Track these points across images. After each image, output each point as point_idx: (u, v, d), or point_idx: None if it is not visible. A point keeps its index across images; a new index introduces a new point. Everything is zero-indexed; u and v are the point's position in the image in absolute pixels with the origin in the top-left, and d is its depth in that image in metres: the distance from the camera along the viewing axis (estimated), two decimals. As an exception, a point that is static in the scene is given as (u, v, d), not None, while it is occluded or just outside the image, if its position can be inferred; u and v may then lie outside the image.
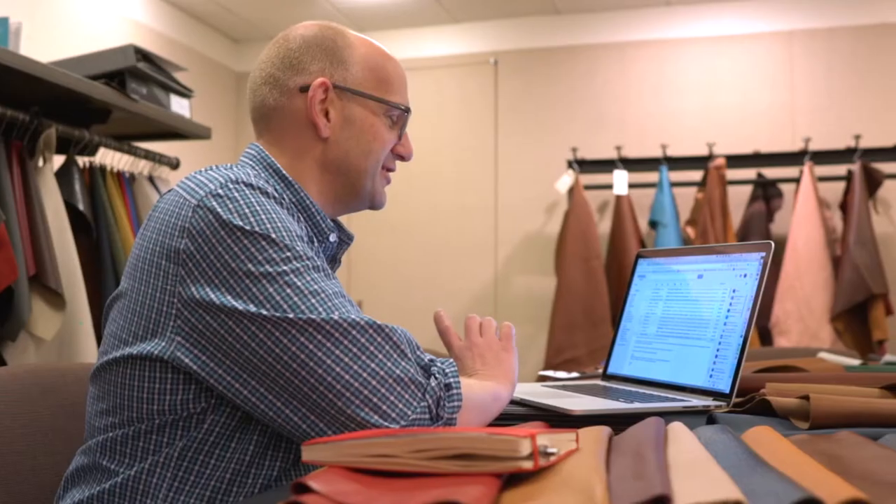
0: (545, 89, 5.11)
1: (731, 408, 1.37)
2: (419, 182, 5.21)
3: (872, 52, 4.74)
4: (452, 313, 5.06)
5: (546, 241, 4.95)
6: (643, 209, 4.73)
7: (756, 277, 1.45)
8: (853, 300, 4.19)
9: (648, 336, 1.64)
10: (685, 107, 4.93)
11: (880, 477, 0.84)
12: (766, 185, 4.64)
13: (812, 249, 4.32)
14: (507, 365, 1.36)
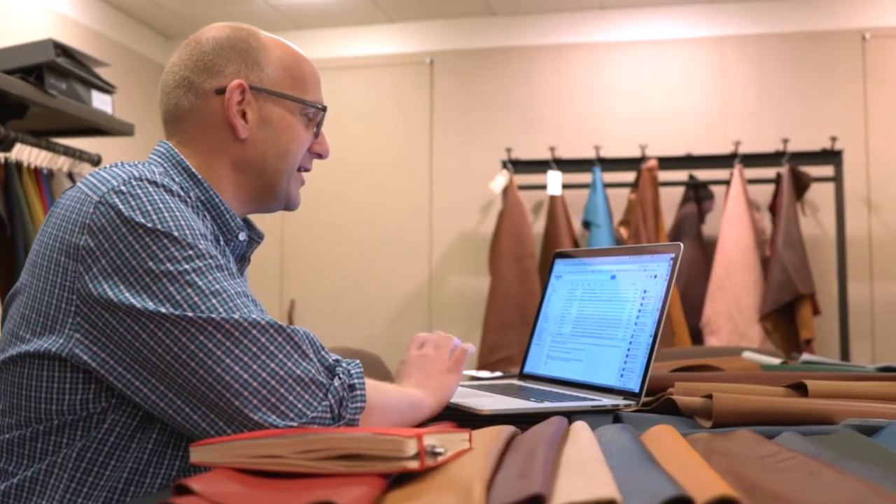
0: (481, 90, 5.12)
1: (640, 407, 1.38)
2: (354, 180, 5.19)
3: (801, 58, 4.83)
4: (387, 312, 5.10)
5: (480, 240, 4.96)
6: (577, 209, 4.76)
7: (666, 278, 1.46)
8: (781, 300, 4.26)
9: (563, 336, 1.64)
10: (619, 109, 4.97)
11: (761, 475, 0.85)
12: (698, 186, 4.70)
13: (742, 250, 4.38)
14: (444, 382, 1.35)
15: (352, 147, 5.21)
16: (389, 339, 5.04)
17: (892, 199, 4.66)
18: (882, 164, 4.68)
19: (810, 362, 2.34)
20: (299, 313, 5.18)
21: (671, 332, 4.31)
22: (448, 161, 5.11)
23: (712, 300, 4.38)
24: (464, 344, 1.45)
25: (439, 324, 5.02)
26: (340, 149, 5.21)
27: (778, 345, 4.30)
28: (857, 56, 4.78)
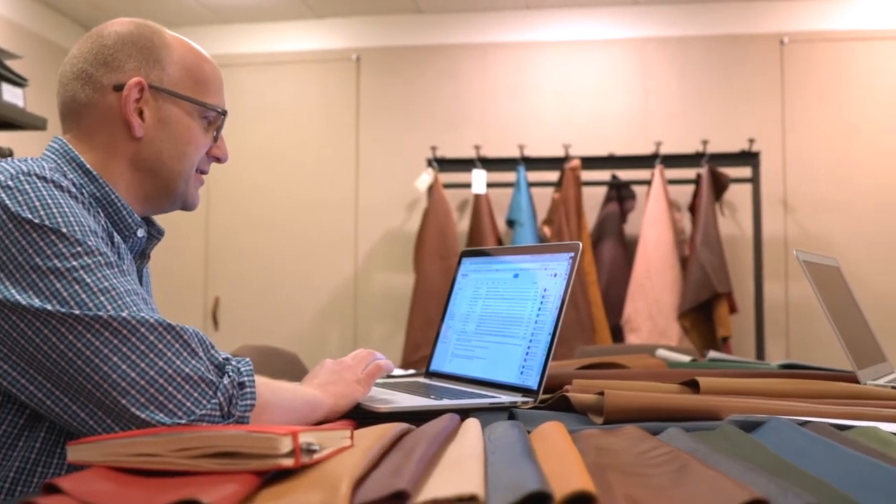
0: (407, 87, 5.12)
1: (537, 404, 1.40)
2: (280, 177, 5.16)
3: (721, 61, 4.92)
4: (312, 309, 5.06)
5: (406, 238, 4.97)
6: (501, 208, 4.79)
7: (565, 277, 1.48)
8: (699, 299, 4.34)
9: (468, 334, 1.66)
10: (544, 109, 5.02)
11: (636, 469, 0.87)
12: (620, 186, 4.77)
13: (662, 250, 4.46)
14: (349, 389, 1.35)
15: (277, 143, 5.18)
16: (315, 336, 5.02)
17: (807, 201, 4.78)
18: (798, 166, 4.80)
19: (716, 360, 2.40)
20: (224, 310, 5.13)
21: (592, 329, 4.37)
22: (374, 158, 5.11)
23: (633, 299, 4.45)
24: (382, 360, 1.45)
25: (364, 321, 5.01)
26: (266, 145, 5.19)
27: (696, 342, 4.38)
28: (775, 60, 4.89)
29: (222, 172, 5.16)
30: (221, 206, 5.19)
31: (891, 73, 4.78)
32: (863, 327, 1.81)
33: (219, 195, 5.19)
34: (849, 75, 4.82)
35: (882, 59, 4.79)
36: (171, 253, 5.18)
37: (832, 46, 4.85)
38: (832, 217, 4.75)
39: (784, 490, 0.72)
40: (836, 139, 4.79)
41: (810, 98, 4.85)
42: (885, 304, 4.65)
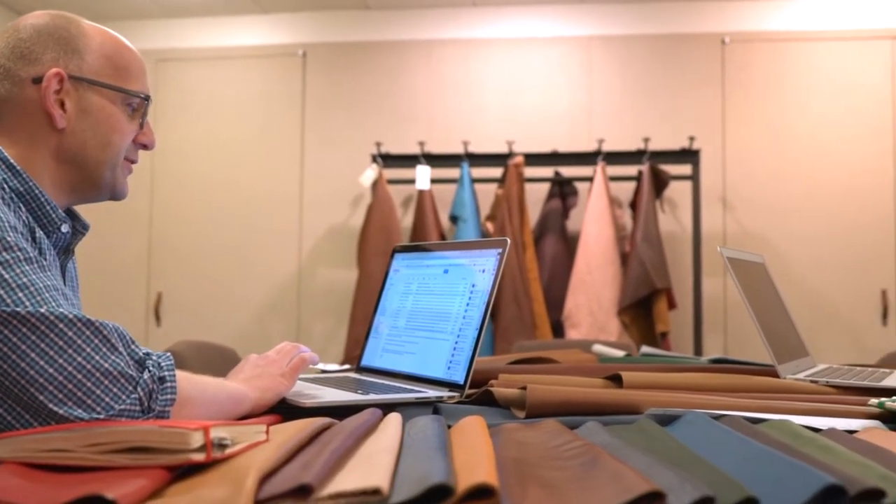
0: (353, 83, 5.11)
1: (463, 398, 1.41)
2: (224, 172, 5.12)
3: (664, 60, 4.98)
4: (256, 304, 5.02)
5: (350, 233, 4.96)
6: (445, 204, 4.80)
7: (493, 273, 1.49)
8: (638, 294, 4.39)
9: (399, 329, 1.67)
10: (488, 105, 5.04)
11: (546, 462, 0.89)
12: (563, 183, 4.81)
13: (602, 246, 4.50)
14: (273, 383, 1.35)
15: (222, 138, 5.14)
16: (258, 331, 5.00)
17: (746, 199, 4.86)
18: (737, 164, 4.88)
19: (648, 355, 2.44)
20: (167, 306, 5.08)
21: (533, 325, 4.40)
22: (318, 154, 5.09)
23: (573, 294, 4.49)
24: (307, 354, 1.46)
25: (307, 316, 5.00)
26: (211, 140, 5.15)
27: (635, 338, 4.43)
28: (716, 59, 4.97)
29: (166, 166, 5.12)
30: (165, 200, 5.14)
31: (827, 74, 4.88)
32: (786, 323, 1.85)
33: (162, 190, 5.14)
34: (787, 75, 4.91)
35: (818, 59, 4.89)
36: (113, 248, 5.13)
37: (771, 47, 4.94)
38: (770, 214, 4.84)
39: (682, 481, 0.74)
40: (775, 138, 4.88)
41: (750, 97, 4.93)
42: (821, 300, 4.75)
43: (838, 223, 4.79)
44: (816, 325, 4.73)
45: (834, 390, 1.48)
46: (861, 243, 4.77)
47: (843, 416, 1.24)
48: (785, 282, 4.76)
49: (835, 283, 4.77)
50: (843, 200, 4.80)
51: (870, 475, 0.78)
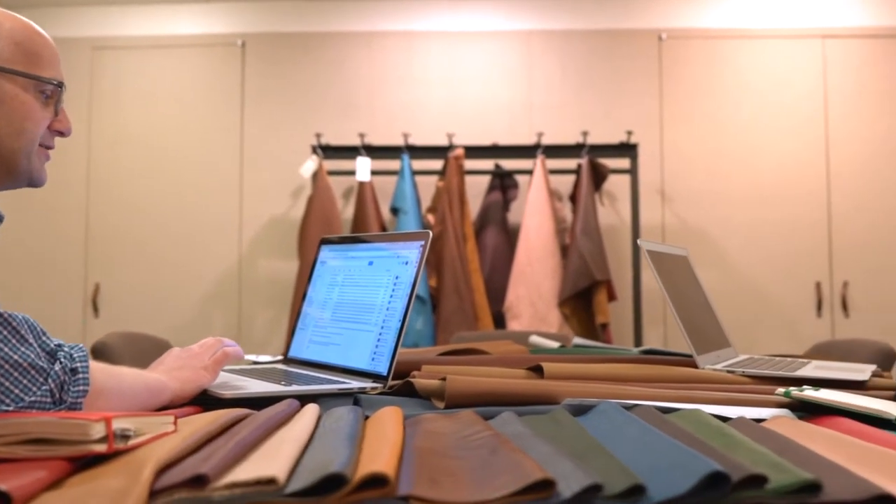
0: (293, 74, 5.08)
1: (386, 389, 1.42)
2: (162, 162, 5.05)
3: (602, 55, 5.03)
4: (196, 295, 4.96)
5: (290, 224, 4.94)
6: (386, 195, 4.80)
7: (415, 265, 1.50)
8: (578, 286, 4.43)
9: (325, 320, 1.67)
10: (429, 98, 5.04)
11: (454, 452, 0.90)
12: (503, 175, 4.83)
13: (543, 238, 4.54)
14: (195, 375, 1.35)
15: (160, 128, 5.07)
16: (198, 322, 4.95)
17: (683, 192, 4.93)
18: (675, 158, 4.94)
19: (580, 346, 2.46)
20: (104, 297, 5.01)
21: (474, 316, 4.43)
22: (259, 144, 5.05)
23: (514, 286, 4.52)
24: (230, 348, 1.46)
25: (248, 307, 4.97)
26: (148, 130, 5.09)
27: (576, 329, 4.48)
28: (654, 55, 5.02)
29: (103, 156, 5.05)
30: (102, 190, 5.06)
31: (761, 70, 4.96)
32: (708, 315, 1.88)
33: (99, 180, 5.06)
34: (722, 71, 4.98)
35: (753, 56, 4.97)
36: (49, 238, 5.04)
37: (707, 43, 5.00)
38: (707, 208, 4.91)
39: (575, 469, 0.75)
40: (711, 133, 4.95)
41: (687, 92, 4.99)
42: (758, 292, 4.84)
43: (774, 217, 4.88)
44: (754, 316, 4.82)
45: (750, 380, 1.51)
46: (796, 236, 4.87)
47: (755, 405, 1.27)
48: (722, 274, 4.84)
49: (771, 276, 4.86)
50: (779, 194, 4.89)
51: (760, 462, 0.80)
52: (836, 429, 1.07)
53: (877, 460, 0.86)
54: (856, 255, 4.84)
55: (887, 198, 4.86)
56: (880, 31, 4.96)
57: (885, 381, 1.50)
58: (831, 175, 4.89)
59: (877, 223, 4.85)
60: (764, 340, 4.70)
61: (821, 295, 4.82)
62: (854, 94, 4.93)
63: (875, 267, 4.82)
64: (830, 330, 4.79)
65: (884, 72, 4.94)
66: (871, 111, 4.92)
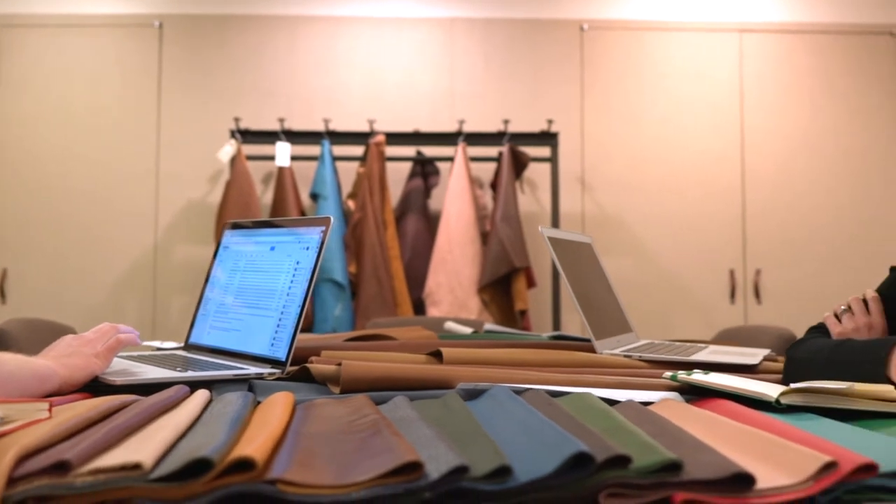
0: (212, 57, 5.00)
1: (283, 375, 1.42)
2: (75, 145, 4.94)
3: (525, 44, 5.06)
4: (109, 281, 4.86)
5: (208, 210, 4.87)
6: (306, 181, 4.77)
7: (316, 250, 1.50)
8: (498, 273, 4.47)
9: (226, 306, 1.65)
10: (351, 83, 5.01)
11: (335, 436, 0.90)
12: (425, 162, 4.84)
13: (463, 225, 4.56)
14: (85, 362, 1.32)
15: (73, 110, 4.96)
16: (111, 309, 4.86)
17: (603, 180, 4.99)
18: (595, 147, 5.00)
19: (491, 332, 2.48)
20: (13, 283, 4.88)
21: (394, 303, 4.43)
22: (176, 128, 4.97)
23: (435, 272, 4.53)
24: (124, 335, 1.43)
25: (163, 293, 4.89)
26: (61, 111, 4.97)
27: (495, 316, 4.51)
28: (575, 45, 5.07)
29: (12, 137, 4.91)
30: (11, 173, 4.93)
31: (680, 63, 5.04)
32: (611, 301, 1.91)
33: (8, 162, 4.93)
34: (642, 63, 5.05)
35: (672, 48, 5.05)
36: (-45, 222, 4.90)
37: (628, 35, 5.07)
38: (626, 196, 4.98)
39: (447, 452, 0.76)
40: (631, 123, 5.02)
41: (607, 83, 5.05)
42: (674, 279, 4.93)
43: (690, 206, 4.98)
44: (670, 303, 4.91)
45: (645, 364, 1.54)
46: (711, 225, 4.97)
47: (645, 388, 1.29)
48: (640, 262, 4.92)
49: (687, 264, 4.95)
50: (695, 184, 4.99)
51: (632, 443, 0.82)
52: (718, 411, 1.09)
53: (746, 441, 0.88)
54: (768, 244, 4.96)
55: (799, 188, 4.99)
56: (795, 27, 5.08)
57: (775, 366, 1.54)
58: (746, 166, 5.00)
59: (789, 213, 4.98)
60: (679, 327, 4.79)
61: (734, 282, 4.93)
62: (769, 88, 5.05)
63: (787, 255, 4.95)
64: (743, 316, 4.90)
65: (798, 66, 5.06)
66: (785, 105, 5.04)
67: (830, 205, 4.98)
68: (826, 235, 4.95)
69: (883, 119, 5.01)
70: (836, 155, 5.00)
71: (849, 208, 4.99)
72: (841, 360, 1.31)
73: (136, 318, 4.85)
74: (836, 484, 0.75)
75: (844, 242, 4.95)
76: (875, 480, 0.76)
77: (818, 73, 5.06)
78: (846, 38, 5.06)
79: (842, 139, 5.01)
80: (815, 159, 5.01)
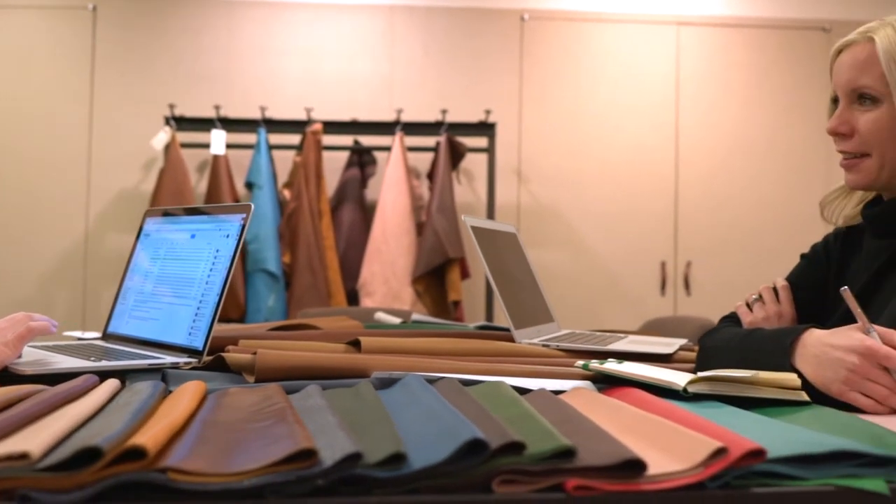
0: (147, 41, 4.92)
1: (199, 364, 1.41)
2: (2, 131, 4.82)
3: (465, 33, 5.06)
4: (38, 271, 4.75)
5: (141, 198, 4.80)
6: (241, 170, 4.72)
7: (236, 238, 1.49)
8: (432, 263, 4.48)
9: (145, 294, 1.64)
10: (288, 71, 4.97)
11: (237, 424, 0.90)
12: (362, 152, 4.82)
13: (399, 215, 4.56)
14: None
15: (1, 93, 4.84)
16: (40, 301, 4.77)
17: (539, 172, 5.02)
18: (532, 139, 5.03)
19: (418, 322, 2.49)
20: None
21: (328, 293, 4.41)
22: (109, 114, 4.88)
23: (369, 263, 4.52)
24: (37, 323, 1.41)
25: (94, 284, 4.81)
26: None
27: (429, 306, 4.52)
28: (515, 35, 5.08)
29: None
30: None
31: (618, 55, 5.09)
32: (534, 290, 1.93)
33: (-66, 147, 4.80)
34: (582, 54, 5.09)
35: (611, 40, 5.10)
36: None
37: (567, 26, 5.10)
38: (562, 188, 5.02)
39: (344, 440, 0.76)
40: (569, 114, 5.05)
41: (546, 74, 5.08)
42: (607, 270, 4.99)
43: (624, 198, 5.03)
44: (603, 294, 4.97)
45: (563, 354, 1.56)
46: (644, 218, 5.03)
47: (560, 377, 1.31)
48: (574, 253, 4.97)
49: (620, 255, 5.01)
50: (630, 177, 5.04)
51: (533, 430, 0.83)
52: (625, 399, 1.11)
53: (644, 428, 0.90)
54: (699, 237, 5.04)
55: (731, 182, 5.07)
56: (732, 21, 5.16)
57: (690, 355, 1.57)
58: (680, 159, 5.07)
59: (720, 206, 5.06)
60: (610, 317, 4.85)
61: (665, 274, 5.00)
62: (705, 81, 5.12)
63: (717, 248, 5.03)
64: (673, 307, 4.98)
65: (733, 60, 5.14)
66: (720, 98, 5.12)
67: (760, 198, 5.07)
68: (755, 228, 5.04)
69: (813, 114, 5.11)
70: (767, 149, 5.09)
71: (778, 202, 5.08)
72: (749, 349, 1.33)
73: (66, 310, 4.76)
74: (726, 469, 0.76)
75: (773, 235, 5.04)
76: (763, 466, 0.78)
77: (753, 66, 5.14)
78: (781, 33, 5.14)
79: (774, 133, 5.10)
80: (747, 153, 5.09)
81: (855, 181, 1.49)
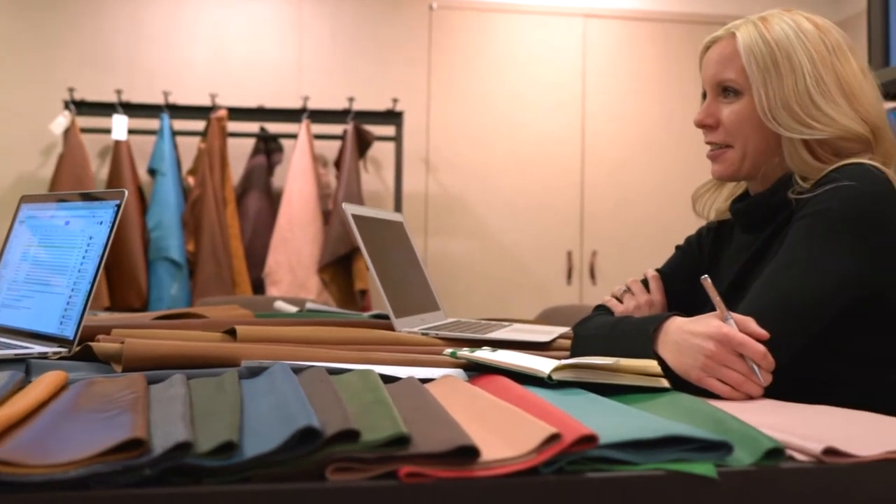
0: (46, 21, 4.77)
1: (69, 354, 1.38)
2: None
3: (373, 21, 5.03)
4: None
5: (40, 184, 4.67)
6: (144, 156, 4.63)
7: (109, 224, 1.46)
8: (338, 252, 4.47)
9: (18, 283, 1.60)
10: (193, 56, 4.89)
11: (86, 414, 0.89)
12: (268, 139, 4.77)
13: (305, 203, 4.53)
14: None
15: None
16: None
17: (447, 161, 5.04)
18: (440, 128, 5.04)
19: (312, 311, 2.48)
20: None
21: (232, 282, 4.37)
22: (6, 97, 4.73)
23: (275, 251, 4.49)
24: None
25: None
26: None
27: (335, 295, 4.51)
28: (424, 24, 5.08)
29: None
30: None
31: (526, 46, 5.14)
32: (419, 279, 1.95)
33: None
34: (489, 44, 5.12)
35: (519, 31, 5.13)
36: None
37: (476, 16, 5.12)
38: (470, 177, 5.05)
39: (182, 429, 0.76)
40: (476, 104, 5.08)
41: (454, 63, 5.10)
42: (514, 259, 5.04)
43: (531, 188, 5.08)
44: (509, 283, 5.02)
45: (441, 342, 1.57)
46: (551, 208, 5.09)
47: (432, 365, 1.32)
48: (482, 242, 5.01)
49: (527, 245, 5.07)
50: (537, 167, 5.10)
51: (376, 418, 0.84)
52: (489, 387, 1.13)
53: (490, 415, 0.92)
54: (605, 227, 5.12)
55: (635, 173, 5.16)
56: (639, 14, 5.24)
57: (567, 343, 1.60)
58: (586, 150, 5.14)
59: (625, 197, 5.15)
60: (517, 307, 4.89)
61: (571, 263, 5.07)
62: (611, 73, 5.20)
63: (622, 237, 5.12)
64: (579, 296, 5.05)
65: (639, 53, 5.23)
66: (625, 90, 5.20)
67: (665, 190, 5.16)
68: (660, 218, 5.13)
69: (714, 108, 5.21)
70: (671, 141, 5.19)
71: (683, 193, 5.16)
72: (616, 337, 1.37)
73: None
74: (559, 455, 0.78)
75: (677, 226, 5.10)
76: (596, 451, 0.80)
77: (659, 60, 5.23)
78: (687, 27, 5.23)
79: (678, 126, 5.18)
80: (652, 145, 5.19)
81: (719, 171, 1.54)
